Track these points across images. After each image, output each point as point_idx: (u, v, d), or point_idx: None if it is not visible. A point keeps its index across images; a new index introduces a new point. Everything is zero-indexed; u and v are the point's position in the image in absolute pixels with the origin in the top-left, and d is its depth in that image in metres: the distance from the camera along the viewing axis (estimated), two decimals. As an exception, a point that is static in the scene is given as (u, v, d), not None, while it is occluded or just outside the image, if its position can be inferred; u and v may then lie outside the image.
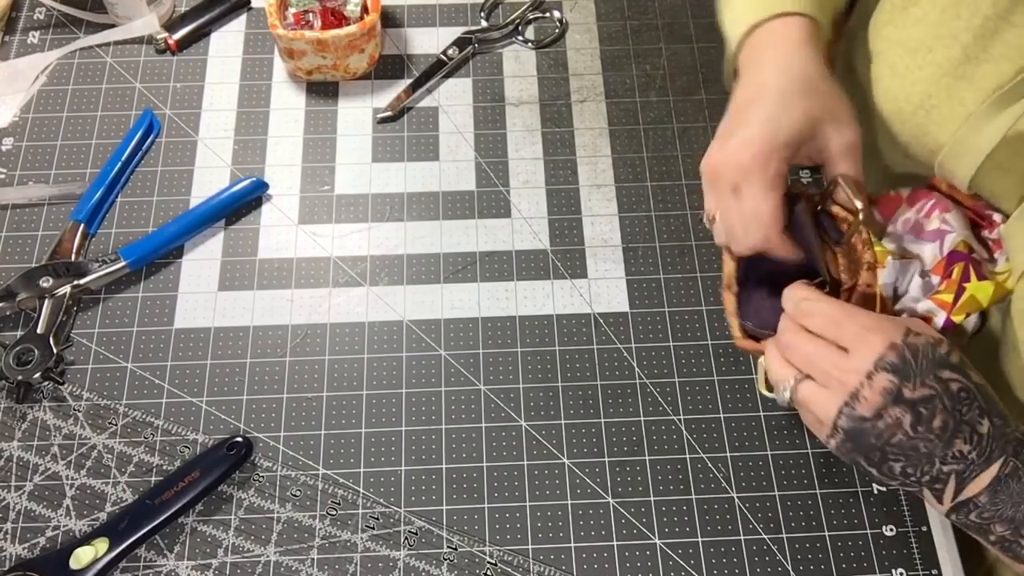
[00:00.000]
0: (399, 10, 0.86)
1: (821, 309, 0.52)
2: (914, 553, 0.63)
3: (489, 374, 0.69)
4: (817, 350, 0.51)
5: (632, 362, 0.70)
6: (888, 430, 0.49)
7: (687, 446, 0.67)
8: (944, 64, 0.57)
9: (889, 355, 0.49)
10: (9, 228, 0.74)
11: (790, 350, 0.53)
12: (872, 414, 0.49)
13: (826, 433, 0.51)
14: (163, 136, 0.78)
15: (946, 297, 0.54)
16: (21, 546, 0.62)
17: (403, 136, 0.79)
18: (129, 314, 0.70)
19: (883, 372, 0.48)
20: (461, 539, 0.63)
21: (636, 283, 0.73)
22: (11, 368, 0.66)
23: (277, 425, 0.67)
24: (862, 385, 0.49)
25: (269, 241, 0.74)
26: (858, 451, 0.50)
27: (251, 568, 0.62)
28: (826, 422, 0.51)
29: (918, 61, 0.58)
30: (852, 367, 0.49)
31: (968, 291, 0.53)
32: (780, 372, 0.54)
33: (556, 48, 0.84)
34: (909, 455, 0.49)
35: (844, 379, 0.50)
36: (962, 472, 0.49)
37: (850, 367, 0.50)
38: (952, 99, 0.57)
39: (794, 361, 0.53)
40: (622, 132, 0.80)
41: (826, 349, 0.51)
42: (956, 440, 0.48)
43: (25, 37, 0.83)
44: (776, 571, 0.62)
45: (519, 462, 0.66)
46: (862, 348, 0.50)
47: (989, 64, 0.55)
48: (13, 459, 0.65)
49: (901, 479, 0.50)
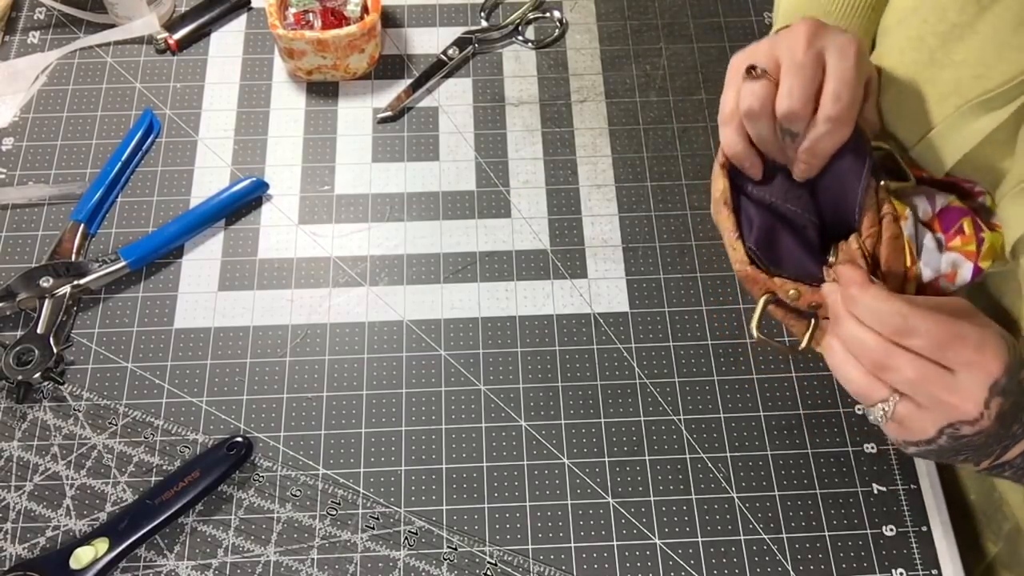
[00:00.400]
0: (399, 10, 0.86)
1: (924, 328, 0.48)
2: (914, 553, 0.63)
3: (489, 374, 0.69)
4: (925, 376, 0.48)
5: (632, 362, 0.70)
6: (978, 438, 0.48)
7: (687, 446, 0.67)
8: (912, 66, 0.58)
9: (1003, 379, 0.47)
10: (9, 228, 0.74)
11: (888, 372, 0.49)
12: (975, 432, 0.47)
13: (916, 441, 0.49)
14: (163, 136, 0.78)
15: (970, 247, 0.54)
16: (21, 546, 0.62)
17: (403, 136, 0.79)
18: (129, 314, 0.70)
19: (997, 397, 0.47)
20: (461, 539, 0.63)
21: (636, 283, 0.73)
22: (11, 368, 0.66)
23: (277, 425, 0.67)
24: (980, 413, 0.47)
25: (269, 241, 0.74)
26: (937, 454, 0.50)
27: (251, 568, 0.62)
28: (919, 437, 0.49)
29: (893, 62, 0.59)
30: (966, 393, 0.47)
31: (987, 240, 0.53)
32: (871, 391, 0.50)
33: (556, 48, 0.84)
34: (979, 449, 0.49)
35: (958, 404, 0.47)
36: (1008, 445, 0.49)
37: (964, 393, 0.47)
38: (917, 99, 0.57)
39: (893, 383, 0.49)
40: (622, 132, 0.80)
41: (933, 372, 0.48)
42: (1014, 425, 0.48)
43: (25, 37, 0.83)
44: (776, 571, 0.62)
45: (519, 462, 0.66)
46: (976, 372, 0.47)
47: (950, 69, 0.55)
48: (13, 459, 0.65)
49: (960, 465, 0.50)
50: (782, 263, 0.53)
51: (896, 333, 0.48)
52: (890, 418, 0.49)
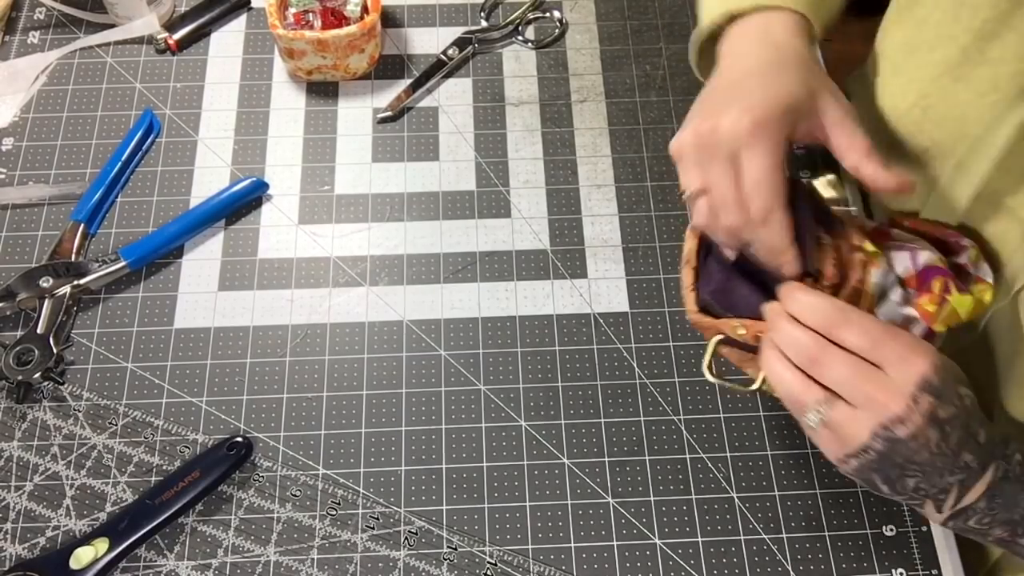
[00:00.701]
0: (399, 10, 0.86)
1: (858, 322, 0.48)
2: (914, 553, 0.63)
3: (489, 374, 0.69)
4: (855, 372, 0.48)
5: (632, 362, 0.70)
6: (918, 450, 0.47)
7: (687, 446, 0.67)
8: (941, 65, 0.57)
9: (933, 378, 0.47)
10: (9, 228, 0.74)
11: (820, 368, 0.49)
12: (909, 436, 0.47)
13: (850, 452, 0.49)
14: (163, 136, 0.78)
15: (929, 308, 0.53)
16: (21, 546, 0.62)
17: (403, 136, 0.79)
18: (129, 314, 0.70)
19: (926, 395, 0.46)
20: (461, 539, 0.63)
21: (636, 283, 0.73)
22: (11, 368, 0.66)
23: (277, 425, 0.67)
24: (909, 409, 0.46)
25: (269, 241, 0.74)
26: (879, 471, 0.48)
27: (251, 568, 0.62)
28: (854, 443, 0.48)
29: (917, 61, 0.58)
30: (896, 389, 0.47)
31: (951, 303, 0.53)
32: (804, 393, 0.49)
33: (556, 48, 0.84)
34: (926, 471, 0.48)
35: (886, 400, 0.47)
36: (964, 481, 0.48)
37: (891, 387, 0.47)
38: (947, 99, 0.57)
39: (824, 379, 0.49)
40: (622, 132, 0.80)
41: (864, 369, 0.48)
42: (964, 452, 0.48)
43: (25, 37, 0.83)
44: (776, 571, 0.62)
45: (519, 462, 0.66)
46: (905, 368, 0.47)
47: (985, 67, 0.54)
48: (13, 459, 0.65)
49: (912, 494, 0.49)
50: (737, 309, 0.54)
51: (832, 324, 0.48)
52: (824, 422, 0.49)
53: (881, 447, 0.47)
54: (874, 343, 0.48)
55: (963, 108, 0.56)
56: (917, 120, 0.59)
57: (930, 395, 0.47)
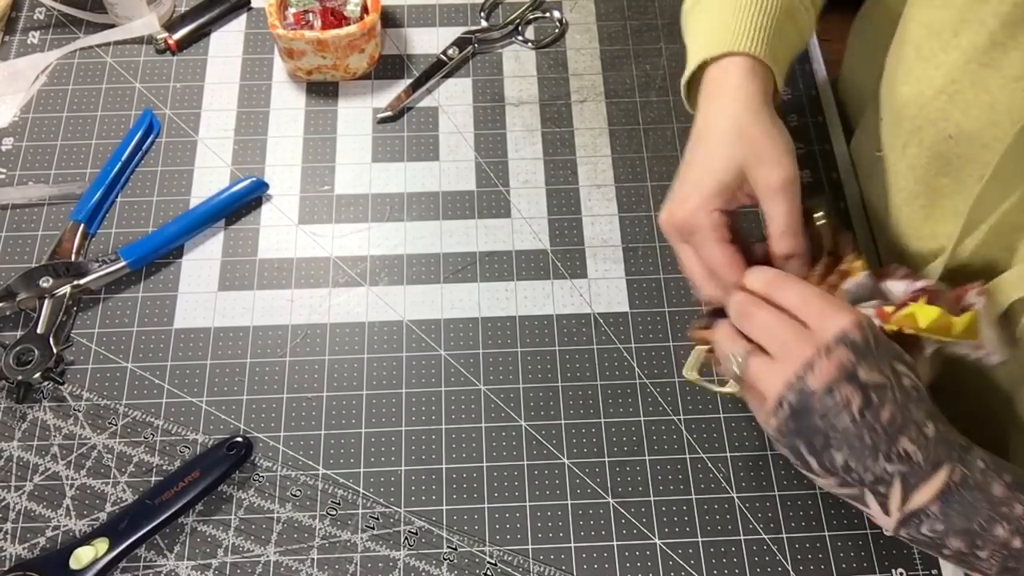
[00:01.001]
0: (399, 10, 0.86)
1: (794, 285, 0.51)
2: (914, 553, 0.63)
3: (489, 374, 0.69)
4: (778, 320, 0.50)
5: (632, 362, 0.70)
6: (835, 408, 0.47)
7: (687, 446, 0.67)
8: (969, 49, 0.55)
9: (853, 332, 0.48)
10: (9, 228, 0.74)
11: (746, 319, 0.52)
12: (822, 388, 0.47)
13: (769, 409, 0.50)
14: (163, 136, 0.78)
15: (887, 308, 0.53)
16: (21, 546, 0.62)
17: (403, 136, 0.79)
18: (129, 314, 0.70)
19: (842, 347, 0.47)
20: (461, 539, 0.63)
21: (636, 283, 0.73)
22: (11, 368, 0.66)
23: (277, 425, 0.67)
24: (819, 355, 0.47)
25: (269, 241, 0.74)
26: (800, 433, 0.49)
27: (251, 568, 0.62)
28: (771, 396, 0.49)
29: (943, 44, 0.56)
30: (812, 339, 0.48)
31: (910, 307, 0.52)
32: (730, 344, 0.52)
33: (556, 48, 0.84)
34: (853, 445, 0.47)
35: (801, 350, 0.48)
36: (907, 475, 0.47)
37: (809, 338, 0.48)
38: (976, 85, 0.55)
39: (750, 330, 0.51)
40: (622, 132, 0.80)
41: (787, 320, 0.50)
42: (902, 437, 0.47)
43: (25, 37, 0.83)
44: (776, 571, 0.62)
45: (519, 462, 0.66)
46: (826, 322, 0.48)
47: (1017, 52, 0.52)
48: (13, 459, 0.65)
49: (843, 475, 0.48)
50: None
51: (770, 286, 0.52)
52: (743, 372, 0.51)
53: (794, 400, 0.48)
54: (804, 301, 0.50)
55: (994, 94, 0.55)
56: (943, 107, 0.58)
57: (847, 349, 0.48)
